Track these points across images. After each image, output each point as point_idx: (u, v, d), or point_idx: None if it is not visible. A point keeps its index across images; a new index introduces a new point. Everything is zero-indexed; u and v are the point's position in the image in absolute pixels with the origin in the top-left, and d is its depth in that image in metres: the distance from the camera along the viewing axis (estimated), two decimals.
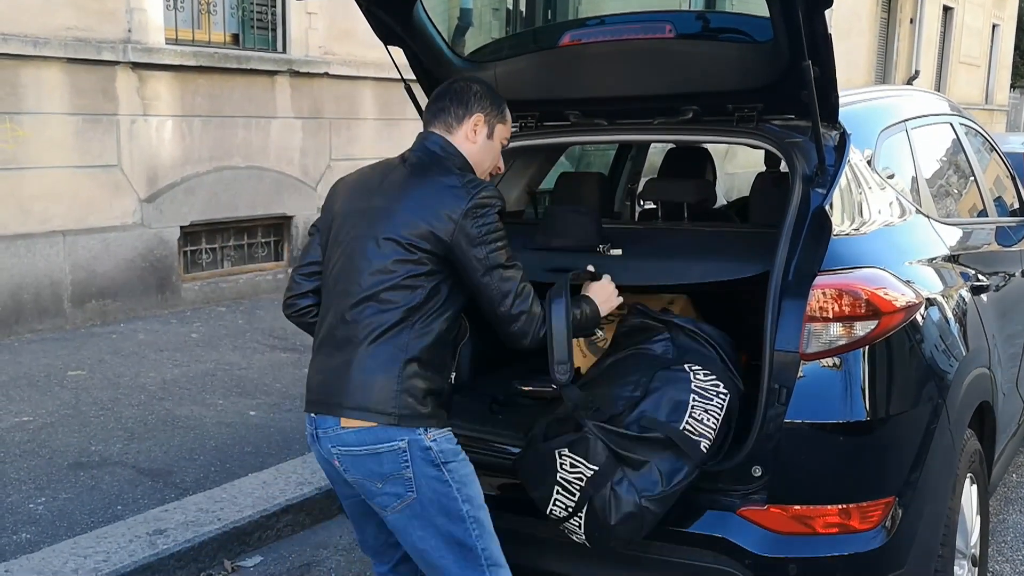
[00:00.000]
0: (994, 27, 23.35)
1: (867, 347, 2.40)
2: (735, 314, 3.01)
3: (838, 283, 2.41)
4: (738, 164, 11.34)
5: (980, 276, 3.18)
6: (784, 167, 2.81)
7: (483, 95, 2.39)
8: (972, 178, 3.81)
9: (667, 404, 2.40)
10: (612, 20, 3.06)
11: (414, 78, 3.17)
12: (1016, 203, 4.38)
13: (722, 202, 5.47)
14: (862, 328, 2.39)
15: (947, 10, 20.17)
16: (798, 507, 2.39)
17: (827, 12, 2.36)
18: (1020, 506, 4.16)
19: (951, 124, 3.82)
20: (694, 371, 2.46)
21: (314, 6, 7.65)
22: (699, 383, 2.44)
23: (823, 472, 2.42)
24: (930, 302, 2.69)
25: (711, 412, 2.40)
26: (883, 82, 17.43)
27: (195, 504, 3.68)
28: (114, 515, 3.60)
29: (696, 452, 2.36)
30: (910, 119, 3.34)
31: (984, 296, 3.17)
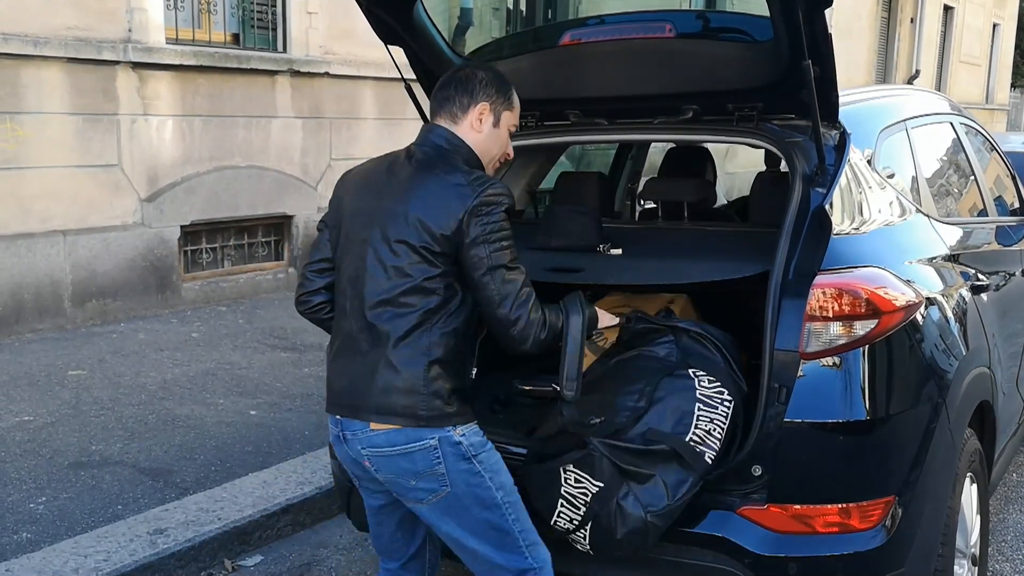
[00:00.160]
0: (995, 26, 23.35)
1: (867, 346, 2.40)
2: (735, 313, 3.01)
3: (838, 282, 2.41)
4: (738, 164, 11.34)
5: (980, 275, 3.18)
6: (784, 167, 2.82)
7: (488, 83, 2.34)
8: (972, 177, 3.81)
9: (672, 415, 2.39)
10: (612, 20, 3.06)
11: (414, 78, 3.18)
12: (1016, 202, 4.38)
13: (722, 202, 5.47)
14: (862, 327, 2.39)
15: (948, 9, 20.17)
16: (798, 506, 2.40)
17: (827, 11, 2.36)
18: (1020, 505, 4.16)
19: (951, 123, 3.82)
20: (699, 378, 2.45)
21: (315, 6, 7.66)
22: (704, 391, 2.43)
23: (823, 471, 2.42)
24: (930, 301, 2.69)
25: (716, 422, 2.39)
26: (884, 81, 17.43)
27: (195, 503, 3.68)
28: (115, 514, 3.60)
29: (700, 463, 2.36)
30: (910, 118, 3.35)
31: (984, 295, 3.17)
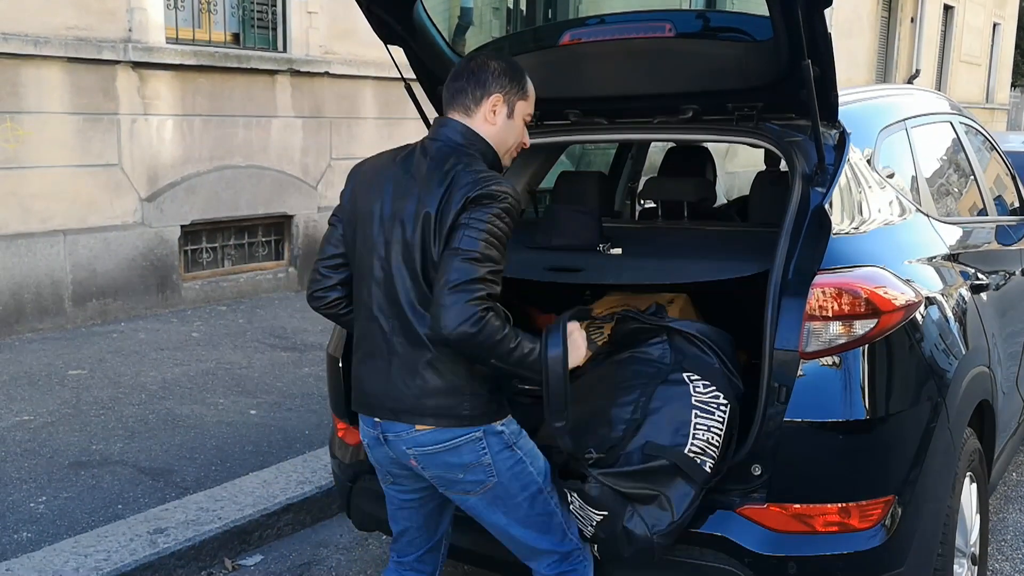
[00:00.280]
0: (995, 26, 23.35)
1: (866, 346, 2.40)
2: (735, 313, 3.01)
3: (838, 282, 2.41)
4: (738, 163, 11.34)
5: (980, 275, 3.18)
6: (784, 166, 2.82)
7: (501, 73, 2.29)
8: (972, 177, 3.81)
9: (669, 426, 2.38)
10: (612, 19, 3.06)
11: (414, 77, 3.18)
12: (1016, 202, 4.39)
13: (722, 201, 5.47)
14: (861, 327, 2.39)
15: (948, 9, 20.17)
16: (798, 506, 2.39)
17: (827, 11, 2.36)
18: (1020, 504, 4.16)
19: (951, 123, 3.82)
20: (693, 383, 2.44)
21: (315, 5, 7.66)
22: (700, 397, 2.42)
23: (823, 471, 2.42)
24: (930, 301, 2.69)
25: (713, 430, 2.38)
26: (884, 81, 17.43)
27: (196, 503, 3.68)
28: (115, 514, 3.61)
29: (701, 474, 2.36)
30: (910, 118, 3.35)
31: (984, 295, 3.17)
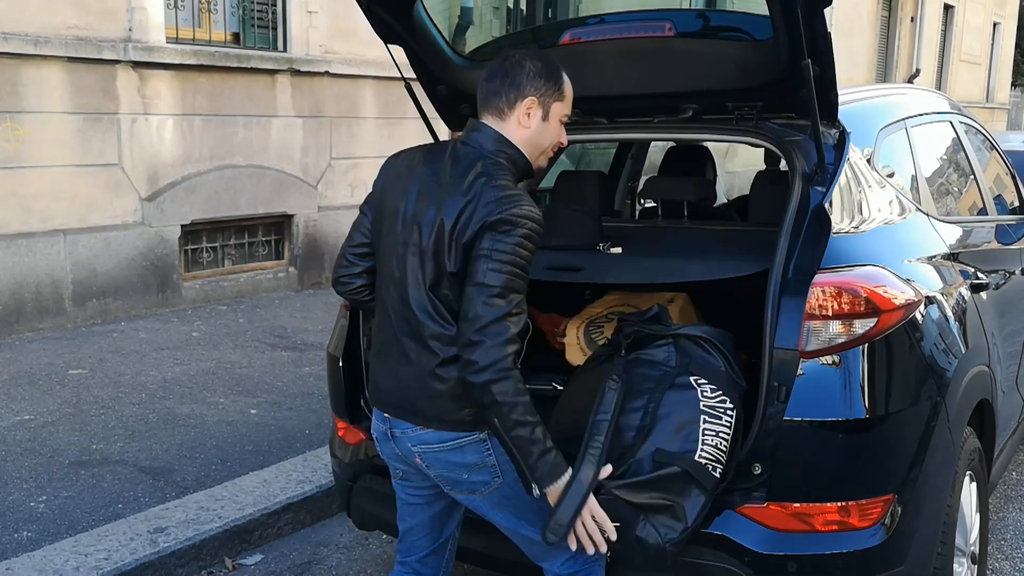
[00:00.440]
0: (995, 25, 23.35)
1: (866, 345, 2.40)
2: (735, 312, 3.01)
3: (837, 281, 2.41)
4: (738, 162, 11.35)
5: (980, 274, 3.18)
6: (784, 165, 2.82)
7: (536, 74, 2.20)
8: (972, 176, 3.81)
9: (678, 432, 2.36)
10: (612, 19, 3.06)
11: (414, 77, 3.18)
12: (1016, 201, 4.39)
13: (722, 200, 5.47)
14: (861, 326, 2.39)
15: (948, 8, 20.17)
16: (798, 505, 2.39)
17: (827, 10, 2.36)
18: (1020, 504, 4.16)
19: (951, 122, 3.82)
20: (701, 387, 2.42)
21: (315, 5, 7.66)
22: (707, 402, 2.40)
23: (822, 470, 2.42)
24: (929, 300, 2.69)
25: (721, 435, 2.36)
26: (884, 80, 17.43)
27: (196, 502, 3.68)
28: (115, 513, 3.61)
29: (711, 480, 2.34)
30: (910, 117, 3.35)
31: (984, 294, 3.17)
